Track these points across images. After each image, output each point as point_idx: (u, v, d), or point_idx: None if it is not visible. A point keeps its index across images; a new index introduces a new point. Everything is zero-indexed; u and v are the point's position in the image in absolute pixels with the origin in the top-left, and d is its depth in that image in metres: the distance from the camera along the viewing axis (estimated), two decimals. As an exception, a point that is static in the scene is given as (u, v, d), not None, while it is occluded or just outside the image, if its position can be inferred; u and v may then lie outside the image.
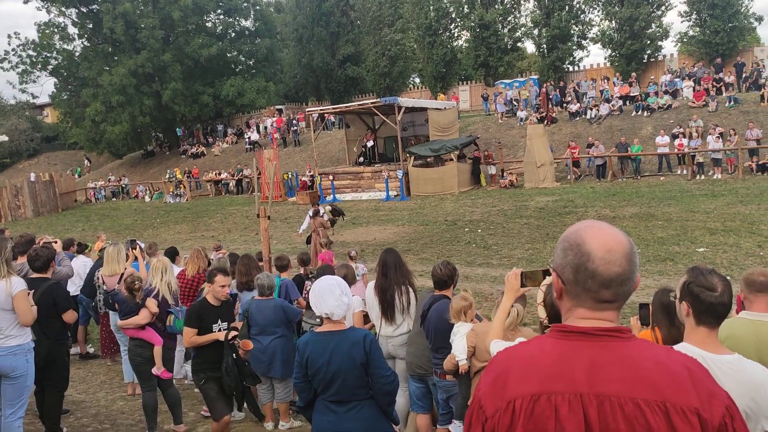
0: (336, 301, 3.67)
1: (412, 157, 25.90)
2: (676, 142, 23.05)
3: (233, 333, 5.55)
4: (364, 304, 6.23)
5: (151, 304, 6.23)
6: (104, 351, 9.28)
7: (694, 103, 25.86)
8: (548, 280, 3.53)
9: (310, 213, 15.11)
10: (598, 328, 1.55)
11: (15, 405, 5.04)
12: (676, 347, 2.40)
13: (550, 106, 29.70)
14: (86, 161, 50.01)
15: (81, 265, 9.24)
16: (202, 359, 5.57)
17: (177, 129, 45.05)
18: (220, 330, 5.55)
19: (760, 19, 33.04)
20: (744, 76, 27.85)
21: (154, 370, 6.22)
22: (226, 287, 5.62)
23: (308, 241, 14.77)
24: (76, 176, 44.93)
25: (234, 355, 5.52)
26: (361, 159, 29.49)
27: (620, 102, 27.93)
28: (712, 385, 1.49)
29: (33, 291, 5.25)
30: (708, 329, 2.62)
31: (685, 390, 1.44)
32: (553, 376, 1.51)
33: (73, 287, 9.10)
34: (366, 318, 6.19)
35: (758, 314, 3.27)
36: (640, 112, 26.90)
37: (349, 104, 30.90)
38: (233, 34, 44.60)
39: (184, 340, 5.54)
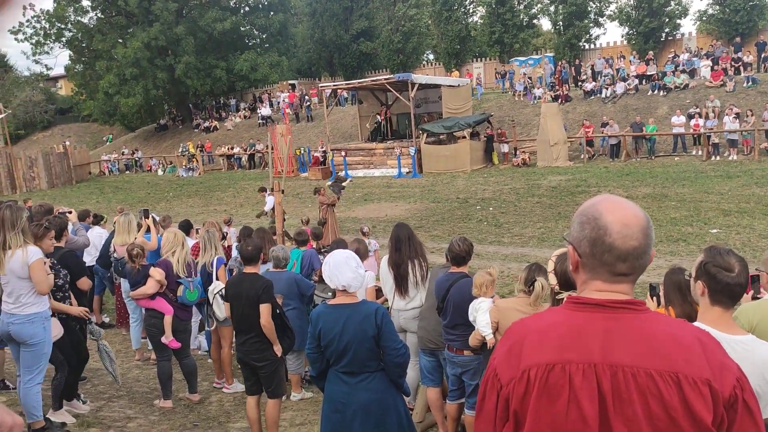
0: (352, 273, 3.73)
1: (425, 134, 25.81)
2: (692, 122, 22.80)
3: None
4: (376, 279, 6.29)
5: (155, 272, 6.27)
6: (119, 320, 9.42)
7: (711, 82, 25.52)
8: (560, 250, 3.56)
9: (267, 192, 15.01)
10: (613, 300, 1.57)
11: (33, 371, 5.14)
12: None
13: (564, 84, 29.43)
14: (108, 136, 49.99)
15: (96, 236, 9.34)
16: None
17: (189, 103, 45.06)
18: None
19: (781, -2, 32.43)
20: (764, 56, 27.40)
21: (163, 339, 6.32)
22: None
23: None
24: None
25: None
26: (372, 135, 29.38)
27: (636, 81, 27.60)
28: (724, 358, 1.51)
29: (49, 259, 5.36)
30: (722, 309, 2.63)
31: (697, 361, 1.47)
32: (568, 346, 1.54)
33: (89, 258, 9.21)
34: (379, 292, 6.24)
35: None
36: (656, 92, 26.58)
37: (363, 80, 30.74)
38: (247, 8, 44.31)
39: (262, 318, 5.22)
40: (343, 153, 27.53)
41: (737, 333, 2.61)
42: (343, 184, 16.07)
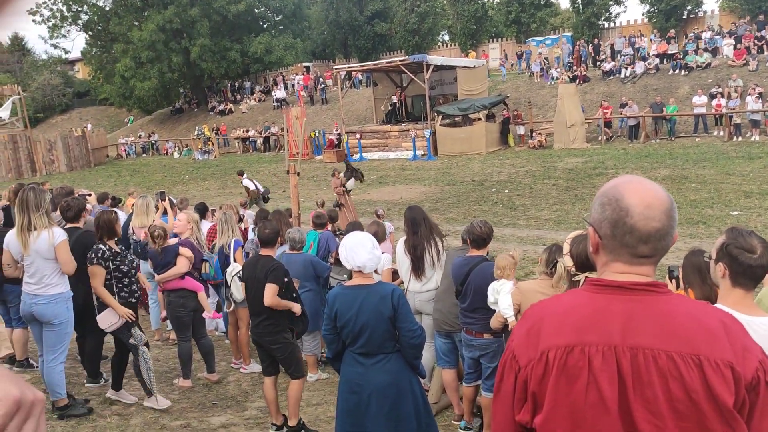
0: (368, 254, 3.75)
1: (440, 117, 25.66)
2: (714, 102, 22.44)
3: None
4: (392, 261, 6.29)
5: (186, 251, 6.36)
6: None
7: (734, 62, 25.07)
8: (575, 233, 3.53)
9: (245, 176, 15.01)
10: (634, 282, 1.55)
11: (56, 351, 5.23)
12: None
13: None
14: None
15: (115, 218, 9.41)
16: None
17: (204, 86, 45.12)
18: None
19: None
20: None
21: (205, 314, 6.46)
22: None
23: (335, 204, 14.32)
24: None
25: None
26: (387, 117, 29.24)
27: (657, 60, 27.18)
28: (747, 340, 1.49)
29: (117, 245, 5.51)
30: (744, 291, 2.60)
31: (719, 344, 1.45)
32: (588, 328, 1.53)
33: (108, 240, 9.31)
34: (395, 275, 6.25)
35: None
36: (677, 71, 26.18)
37: (377, 62, 30.57)
38: (261, -10, 44.19)
39: (266, 298, 5.11)
40: (357, 136, 27.47)
41: (758, 314, 2.59)
42: (348, 185, 14.01)
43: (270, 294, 5.05)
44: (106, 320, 5.48)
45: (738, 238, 2.60)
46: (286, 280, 5.18)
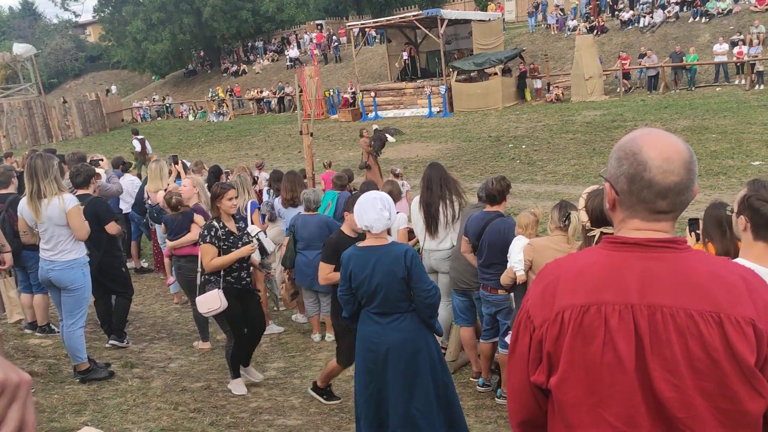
0: (377, 214, 3.74)
1: (455, 72, 25.26)
2: (735, 50, 21.82)
3: None
4: (408, 221, 6.25)
5: (200, 219, 6.36)
6: (157, 265, 9.61)
7: (756, 7, 24.28)
8: (591, 187, 3.46)
9: (136, 135, 14.77)
10: (652, 239, 1.49)
11: (75, 315, 5.30)
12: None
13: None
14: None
15: (129, 183, 9.44)
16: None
17: (217, 46, 44.70)
18: None
19: None
20: (813, -24, 25.88)
21: None
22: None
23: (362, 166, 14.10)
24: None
25: None
26: (402, 74, 28.82)
27: (676, 8, 26.41)
28: None
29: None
30: (766, 244, 2.53)
31: (741, 300, 1.40)
32: (604, 286, 1.48)
33: (126, 205, 9.37)
34: (411, 235, 6.22)
35: None
36: (697, 19, 25.45)
37: (390, 18, 30.03)
38: (271, -54, 43.31)
39: (320, 277, 4.86)
40: (372, 94, 27.17)
41: None
42: (388, 137, 14.57)
43: (323, 272, 4.80)
44: (206, 305, 5.17)
45: (760, 190, 2.52)
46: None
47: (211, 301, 5.10)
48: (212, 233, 5.09)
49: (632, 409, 1.44)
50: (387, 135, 13.66)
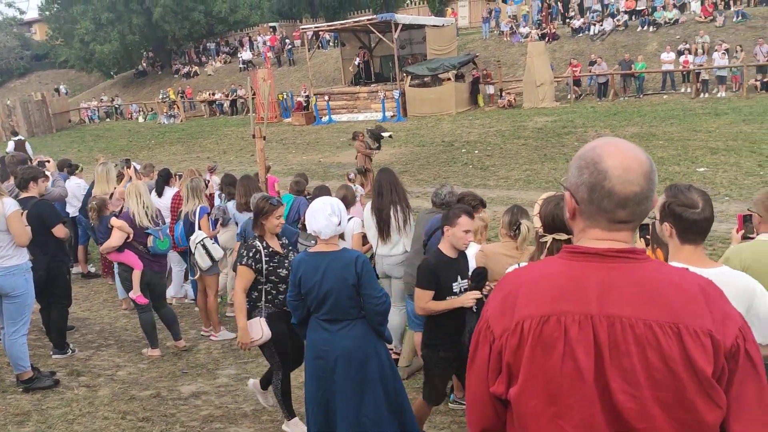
0: (325, 220, 3.73)
1: (409, 77, 25.37)
2: (682, 58, 22.55)
3: (476, 295, 4.00)
4: (362, 225, 6.21)
5: (116, 222, 6.12)
6: (105, 270, 9.35)
7: (701, 17, 25.15)
8: (547, 194, 3.47)
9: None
10: (611, 249, 1.49)
11: (17, 323, 5.11)
12: None
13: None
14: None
15: (74, 186, 9.17)
16: (440, 331, 4.13)
17: (168, 47, 43.87)
18: (461, 291, 4.09)
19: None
20: (754, -11, 26.92)
21: (131, 294, 6.27)
22: (469, 233, 4.08)
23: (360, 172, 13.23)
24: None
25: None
26: (356, 78, 28.80)
27: (625, 17, 27.13)
28: (727, 307, 1.44)
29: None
30: (693, 246, 2.61)
31: (699, 311, 1.40)
32: (563, 297, 1.47)
33: (72, 209, 9.09)
34: (365, 239, 6.17)
35: None
36: (645, 28, 26.19)
37: (345, 21, 30.00)
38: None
39: (416, 306, 4.18)
40: (326, 97, 27.06)
41: (711, 266, 2.62)
42: (383, 134, 13.95)
43: (420, 301, 4.18)
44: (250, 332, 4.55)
45: (678, 195, 2.57)
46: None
47: (252, 331, 4.45)
48: (251, 254, 4.48)
49: (591, 420, 1.43)
50: (381, 132, 13.33)
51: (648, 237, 3.69)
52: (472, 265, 4.44)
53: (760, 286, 2.65)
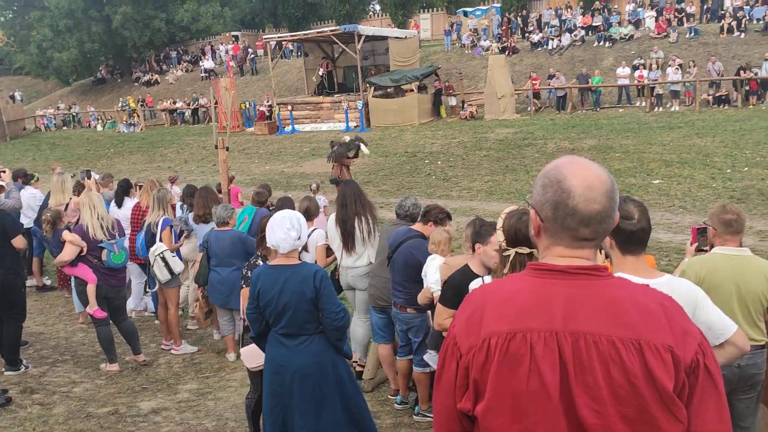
0: (284, 234, 3.69)
1: (372, 88, 25.47)
2: (636, 73, 23.13)
3: None
4: (326, 237, 6.19)
5: (68, 236, 5.97)
6: (61, 283, 9.12)
7: (655, 33, 25.86)
8: (510, 208, 3.52)
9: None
10: (575, 266, 1.52)
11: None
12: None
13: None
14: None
15: (30, 196, 8.93)
16: None
17: (128, 55, 43.16)
18: None
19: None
20: (706, 6, 27.70)
21: (88, 309, 6.12)
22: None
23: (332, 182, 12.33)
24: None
25: None
26: (319, 88, 28.78)
27: (582, 32, 27.73)
28: (686, 323, 1.48)
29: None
30: (634, 257, 2.69)
31: (659, 327, 1.43)
32: (529, 313, 1.49)
33: (27, 220, 8.85)
34: (329, 251, 6.16)
35: (733, 249, 3.43)
36: (601, 43, 26.81)
37: (308, 32, 30.00)
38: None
39: (435, 322, 4.13)
40: (289, 107, 26.98)
41: (655, 276, 2.69)
42: (363, 148, 12.26)
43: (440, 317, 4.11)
44: (254, 359, 4.32)
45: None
46: None
47: (259, 355, 4.16)
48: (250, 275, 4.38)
49: (557, 436, 1.45)
50: (361, 144, 12.50)
51: (704, 238, 3.76)
52: (436, 277, 4.47)
53: (702, 293, 2.73)
